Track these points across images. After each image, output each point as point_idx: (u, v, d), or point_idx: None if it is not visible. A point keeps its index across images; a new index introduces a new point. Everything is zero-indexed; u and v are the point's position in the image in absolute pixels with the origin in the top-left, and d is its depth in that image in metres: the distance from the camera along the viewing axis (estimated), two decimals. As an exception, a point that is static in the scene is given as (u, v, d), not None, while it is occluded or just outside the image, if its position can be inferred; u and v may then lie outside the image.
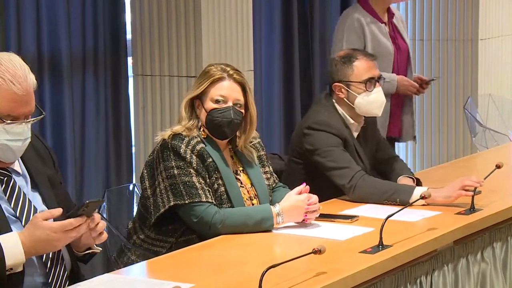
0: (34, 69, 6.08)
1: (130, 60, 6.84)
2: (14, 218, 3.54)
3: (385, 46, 6.14)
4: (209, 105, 4.24)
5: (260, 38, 7.63)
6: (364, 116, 5.16)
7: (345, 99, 5.01)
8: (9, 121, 3.32)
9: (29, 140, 3.55)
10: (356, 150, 5.07)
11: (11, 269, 3.20)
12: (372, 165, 5.31)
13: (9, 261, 3.17)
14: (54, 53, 6.43)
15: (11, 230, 3.43)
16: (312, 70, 8.36)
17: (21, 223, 3.52)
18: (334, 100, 5.09)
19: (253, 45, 7.04)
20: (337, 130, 4.96)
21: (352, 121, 5.06)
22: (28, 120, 3.41)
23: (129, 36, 6.83)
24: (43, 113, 4.44)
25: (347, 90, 5.02)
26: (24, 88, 3.47)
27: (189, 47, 6.52)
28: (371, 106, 5.08)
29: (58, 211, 3.23)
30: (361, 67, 5.04)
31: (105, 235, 3.43)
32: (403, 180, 4.96)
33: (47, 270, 3.55)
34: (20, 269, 3.23)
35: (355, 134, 5.15)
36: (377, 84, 5.06)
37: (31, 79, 3.56)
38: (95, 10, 6.63)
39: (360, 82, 4.97)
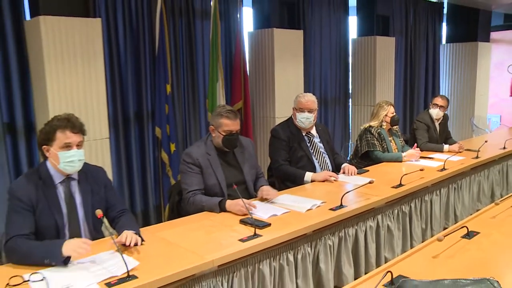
0: (320, 102, 6.90)
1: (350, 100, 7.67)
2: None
3: None
4: (390, 115, 5.01)
5: (394, 88, 7.88)
6: (442, 118, 5.75)
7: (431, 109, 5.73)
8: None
9: None
10: (434, 129, 5.70)
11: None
12: (441, 136, 5.82)
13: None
14: (325, 95, 7.34)
15: None
16: (418, 100, 8.92)
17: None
18: (430, 109, 5.74)
19: (394, 93, 7.86)
20: (424, 121, 5.66)
21: (435, 118, 5.71)
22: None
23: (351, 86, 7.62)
24: None
25: (431, 106, 5.73)
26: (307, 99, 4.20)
27: (372, 97, 7.36)
28: (432, 115, 5.69)
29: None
30: (436, 99, 5.69)
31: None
32: (450, 147, 5.41)
33: None
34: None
35: (437, 123, 5.77)
36: (436, 107, 5.67)
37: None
38: (337, 73, 7.40)
39: (433, 104, 5.69)
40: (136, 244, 2.57)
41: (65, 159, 2.63)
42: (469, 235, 2.75)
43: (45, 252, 2.36)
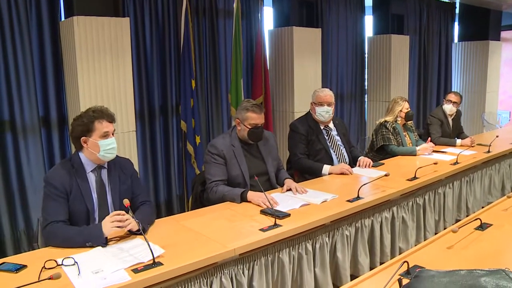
0: (337, 98, 6.72)
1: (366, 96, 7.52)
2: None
3: None
4: (404, 110, 4.90)
5: (408, 84, 7.63)
6: (455, 113, 5.64)
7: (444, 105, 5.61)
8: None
9: None
10: (447, 124, 5.61)
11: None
12: (454, 131, 5.72)
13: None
14: (342, 91, 7.27)
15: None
16: (431, 96, 8.80)
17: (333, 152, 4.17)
18: (443, 105, 5.63)
19: (408, 89, 7.62)
20: (438, 116, 5.57)
21: (448, 114, 5.57)
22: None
23: (367, 84, 7.54)
24: None
25: (445, 102, 5.60)
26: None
27: (387, 93, 7.19)
28: (446, 111, 5.57)
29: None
30: (449, 95, 5.60)
31: None
32: (463, 142, 5.35)
33: None
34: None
35: (450, 118, 5.65)
36: (450, 103, 5.54)
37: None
38: (353, 70, 7.33)
39: (447, 99, 5.56)
40: (137, 231, 2.54)
41: (105, 147, 2.66)
42: (482, 227, 2.70)
43: (87, 236, 2.42)
